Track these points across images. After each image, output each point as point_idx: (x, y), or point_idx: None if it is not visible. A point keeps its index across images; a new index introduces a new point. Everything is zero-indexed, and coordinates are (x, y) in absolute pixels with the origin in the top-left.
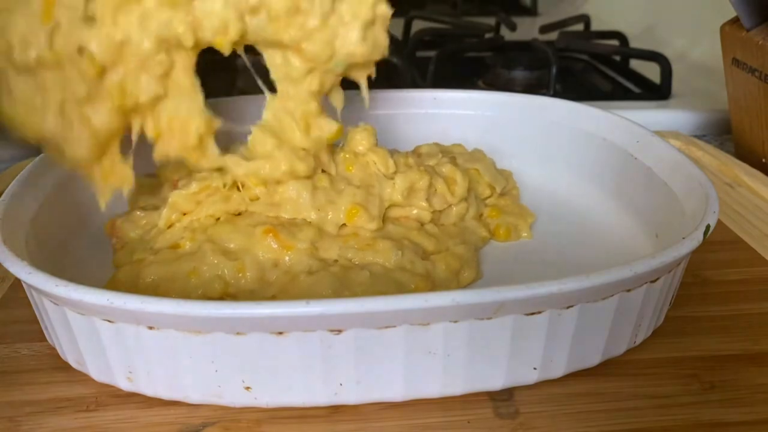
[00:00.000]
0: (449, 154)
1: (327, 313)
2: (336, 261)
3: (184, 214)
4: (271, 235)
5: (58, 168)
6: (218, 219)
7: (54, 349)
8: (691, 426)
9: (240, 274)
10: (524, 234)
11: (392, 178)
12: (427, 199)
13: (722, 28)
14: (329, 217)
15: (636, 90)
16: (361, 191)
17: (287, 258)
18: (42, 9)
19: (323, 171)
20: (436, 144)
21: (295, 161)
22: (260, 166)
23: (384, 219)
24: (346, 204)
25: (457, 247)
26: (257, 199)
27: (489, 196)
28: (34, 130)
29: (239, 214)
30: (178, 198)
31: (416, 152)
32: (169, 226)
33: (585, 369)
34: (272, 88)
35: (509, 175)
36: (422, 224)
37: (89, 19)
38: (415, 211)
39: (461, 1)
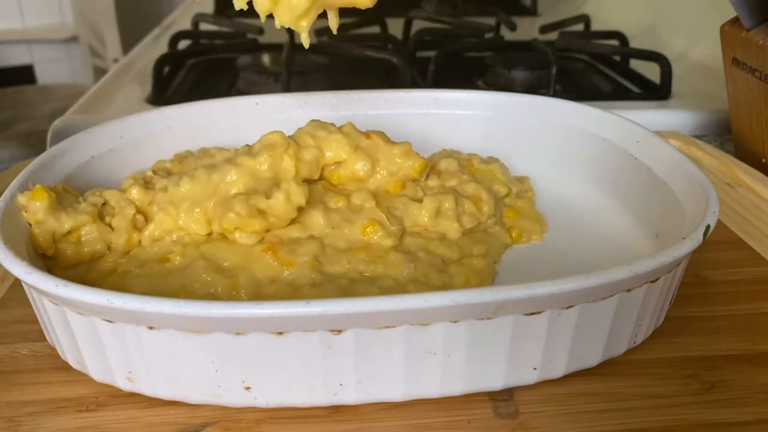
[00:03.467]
0: (465, 161)
1: (327, 313)
2: (345, 274)
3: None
4: (270, 253)
5: (58, 168)
6: (210, 234)
7: (54, 349)
8: (691, 426)
9: (234, 292)
10: (534, 237)
11: (420, 201)
12: (458, 219)
13: (722, 28)
14: (345, 232)
15: (636, 90)
16: (382, 209)
17: (287, 273)
18: None
19: (337, 194)
20: (452, 155)
21: (291, 194)
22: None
23: (403, 232)
24: (363, 220)
25: (479, 260)
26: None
27: (506, 195)
28: None
29: None
30: (165, 215)
31: (435, 169)
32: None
33: (585, 369)
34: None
35: (525, 180)
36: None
37: None
38: (441, 227)
39: (461, 1)
